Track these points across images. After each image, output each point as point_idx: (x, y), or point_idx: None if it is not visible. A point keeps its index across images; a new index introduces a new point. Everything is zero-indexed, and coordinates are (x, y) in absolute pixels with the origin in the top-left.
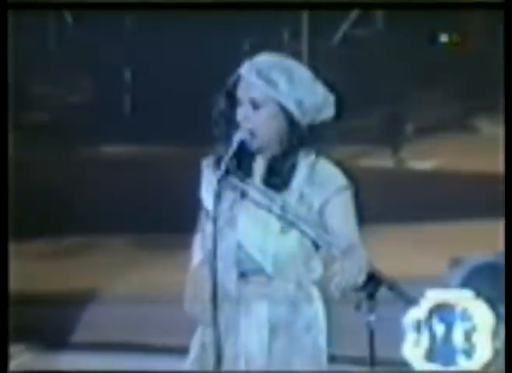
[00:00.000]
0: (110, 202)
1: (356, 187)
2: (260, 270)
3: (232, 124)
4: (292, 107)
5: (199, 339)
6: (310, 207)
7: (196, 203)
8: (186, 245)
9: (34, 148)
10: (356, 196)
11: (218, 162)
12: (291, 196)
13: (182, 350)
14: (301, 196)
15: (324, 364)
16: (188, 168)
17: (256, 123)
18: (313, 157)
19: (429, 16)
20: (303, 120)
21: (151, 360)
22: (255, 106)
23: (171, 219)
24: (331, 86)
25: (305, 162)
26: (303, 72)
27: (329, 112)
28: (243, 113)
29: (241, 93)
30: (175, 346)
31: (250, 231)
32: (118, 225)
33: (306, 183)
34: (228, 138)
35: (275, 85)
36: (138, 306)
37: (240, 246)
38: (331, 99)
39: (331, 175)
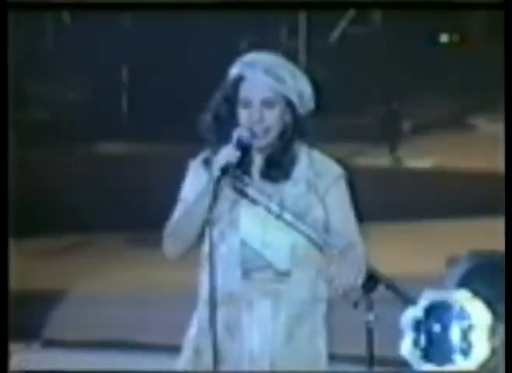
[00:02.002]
0: (109, 200)
1: (350, 175)
2: (267, 266)
3: (230, 127)
4: (295, 100)
5: (192, 344)
6: (318, 194)
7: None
8: None
9: (33, 146)
10: (350, 184)
11: (208, 163)
12: (297, 186)
13: (178, 349)
14: (309, 185)
15: (325, 364)
16: (186, 166)
17: (271, 122)
18: (307, 149)
19: (429, 16)
20: (302, 111)
21: (150, 358)
22: (269, 105)
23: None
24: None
25: (303, 152)
26: (294, 66)
27: (312, 103)
28: (254, 114)
29: (248, 94)
30: (172, 345)
31: (255, 229)
32: (118, 224)
33: (309, 171)
34: (223, 142)
35: (284, 81)
36: (137, 305)
37: (243, 244)
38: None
39: (327, 165)
